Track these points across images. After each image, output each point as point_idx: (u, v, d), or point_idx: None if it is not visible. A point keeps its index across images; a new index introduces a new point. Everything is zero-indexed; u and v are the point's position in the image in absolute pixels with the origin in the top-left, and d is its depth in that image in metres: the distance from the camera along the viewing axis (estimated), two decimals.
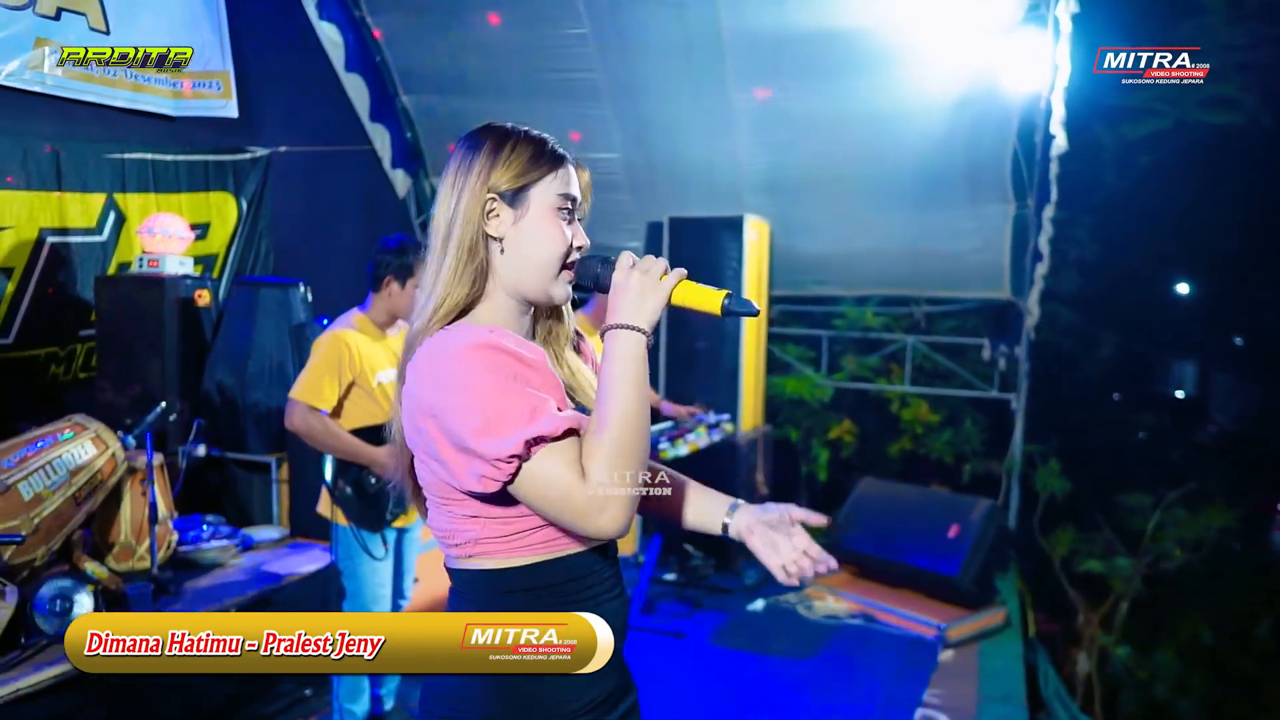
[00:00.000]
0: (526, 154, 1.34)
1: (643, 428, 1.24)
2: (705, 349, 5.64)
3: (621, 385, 1.24)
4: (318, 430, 3.00)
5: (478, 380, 1.21)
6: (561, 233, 1.34)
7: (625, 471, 1.20)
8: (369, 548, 3.07)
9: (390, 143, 6.16)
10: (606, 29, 5.29)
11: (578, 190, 1.38)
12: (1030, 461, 5.81)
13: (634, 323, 1.27)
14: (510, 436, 1.18)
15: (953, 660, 4.33)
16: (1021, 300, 5.69)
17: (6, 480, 2.79)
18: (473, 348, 1.22)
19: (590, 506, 1.20)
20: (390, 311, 3.15)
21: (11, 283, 3.90)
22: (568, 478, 1.20)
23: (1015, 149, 5.13)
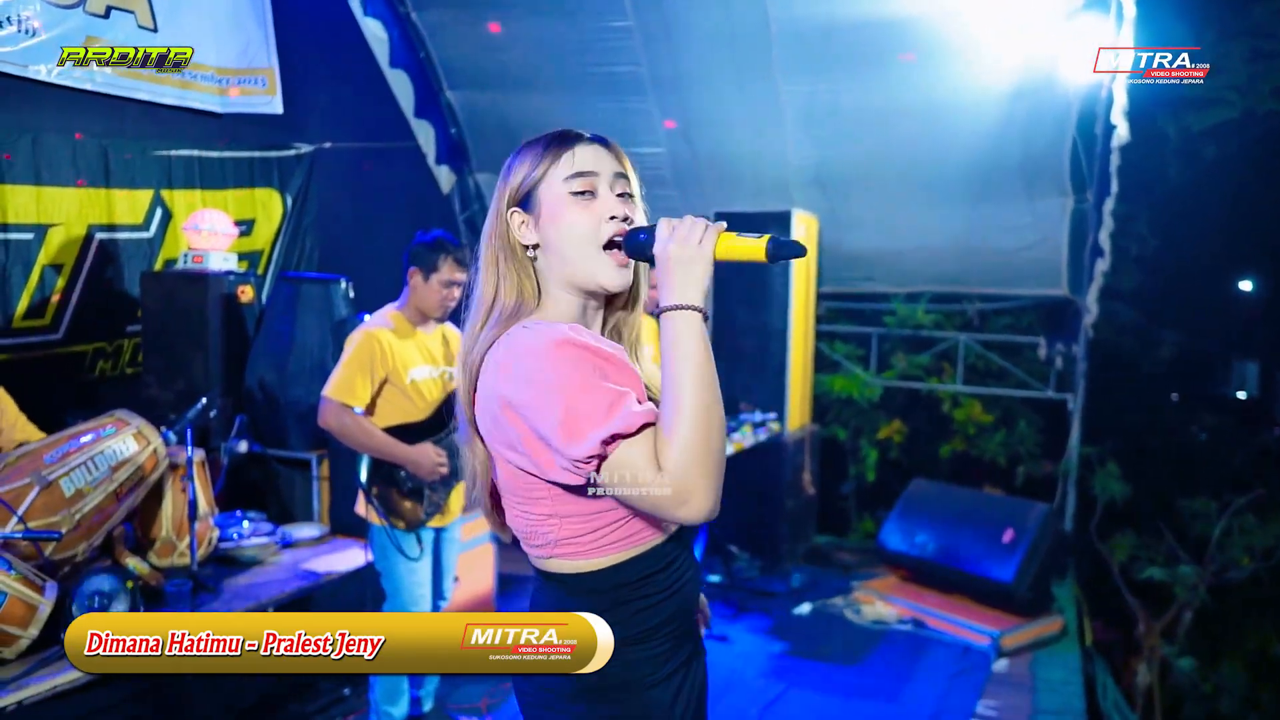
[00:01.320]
0: (527, 158, 1.36)
1: (714, 412, 1.21)
2: (751, 346, 5.54)
3: (685, 369, 1.21)
4: (351, 428, 2.94)
5: (558, 377, 1.21)
6: (581, 214, 1.32)
7: (702, 458, 1.18)
8: (403, 548, 3.01)
9: (435, 138, 6.15)
10: (651, 21, 5.21)
11: (593, 164, 1.34)
12: (1088, 464, 5.61)
13: (684, 301, 1.24)
14: (589, 435, 1.19)
15: (1007, 670, 4.19)
16: (1079, 297, 5.49)
17: (48, 476, 2.79)
18: (554, 344, 1.23)
19: (671, 499, 1.19)
20: (418, 307, 3.08)
21: (61, 279, 3.94)
22: (646, 473, 1.20)
23: (1074, 140, 4.94)
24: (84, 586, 2.74)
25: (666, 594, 1.35)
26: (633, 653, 1.33)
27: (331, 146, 5.23)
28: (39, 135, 3.79)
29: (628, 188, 1.37)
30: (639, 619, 1.34)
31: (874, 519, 6.05)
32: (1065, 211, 5.27)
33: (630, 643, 1.32)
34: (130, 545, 3.26)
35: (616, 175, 1.36)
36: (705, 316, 1.25)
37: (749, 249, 1.25)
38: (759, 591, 4.98)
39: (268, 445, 3.96)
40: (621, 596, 1.32)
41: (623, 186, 1.36)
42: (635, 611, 1.34)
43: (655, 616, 1.35)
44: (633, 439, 1.20)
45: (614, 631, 1.30)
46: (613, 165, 1.36)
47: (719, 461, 1.20)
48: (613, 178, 1.35)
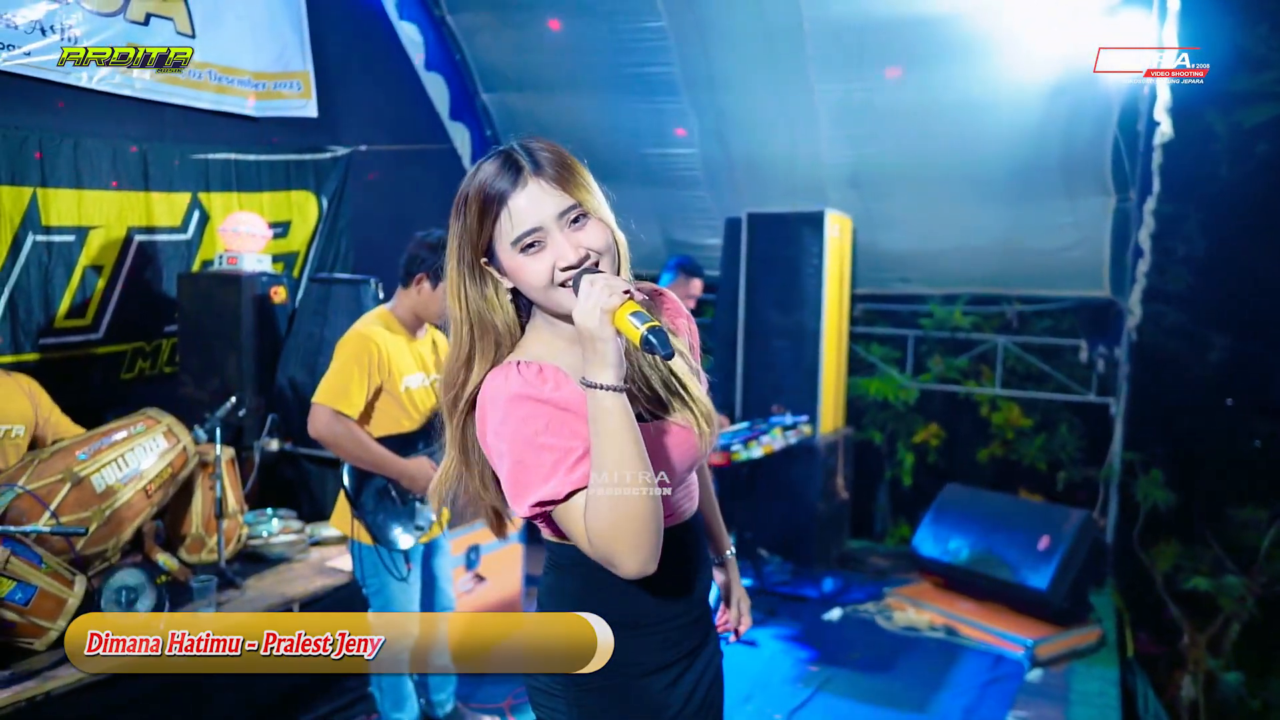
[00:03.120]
0: (471, 218, 1.33)
1: (626, 486, 1.22)
2: (783, 348, 5.50)
3: (600, 445, 1.24)
4: (344, 438, 2.79)
5: (508, 433, 1.28)
6: (534, 268, 1.32)
7: (616, 531, 1.22)
8: (394, 567, 2.90)
9: (470, 141, 6.19)
10: (684, 21, 5.19)
11: (534, 219, 1.30)
12: (1130, 470, 5.47)
13: (596, 380, 1.24)
14: (527, 497, 1.28)
15: (1041, 680, 4.09)
16: (1122, 299, 5.36)
17: (80, 473, 2.86)
18: (508, 400, 1.29)
19: (599, 557, 1.26)
20: (416, 312, 2.95)
21: (101, 279, 4.04)
22: (576, 533, 1.28)
23: (1116, 138, 4.82)
24: (112, 581, 2.80)
25: (659, 582, 1.37)
26: (623, 638, 1.38)
27: (367, 149, 5.29)
28: (80, 140, 3.89)
29: (579, 211, 1.32)
30: (627, 602, 1.39)
31: (910, 524, 5.95)
32: (1107, 211, 5.15)
33: (620, 628, 1.38)
34: (161, 541, 3.34)
35: (561, 214, 1.31)
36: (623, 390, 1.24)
37: (630, 334, 1.22)
38: (789, 596, 4.93)
39: (298, 444, 4.02)
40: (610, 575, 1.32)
41: (573, 214, 1.31)
42: (623, 593, 1.38)
43: (646, 602, 1.40)
44: (563, 504, 1.27)
45: (604, 610, 1.38)
46: (553, 205, 1.30)
47: (639, 530, 1.22)
48: (556, 219, 1.31)
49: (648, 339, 1.20)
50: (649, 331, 1.20)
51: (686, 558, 1.46)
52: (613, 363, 1.23)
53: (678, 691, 1.45)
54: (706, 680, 1.51)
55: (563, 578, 1.45)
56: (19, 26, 3.63)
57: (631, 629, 1.40)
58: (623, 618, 1.39)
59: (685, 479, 1.46)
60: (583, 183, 1.34)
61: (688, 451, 1.41)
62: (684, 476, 1.44)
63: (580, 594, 1.42)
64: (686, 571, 1.45)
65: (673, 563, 1.40)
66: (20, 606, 2.54)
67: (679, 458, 1.40)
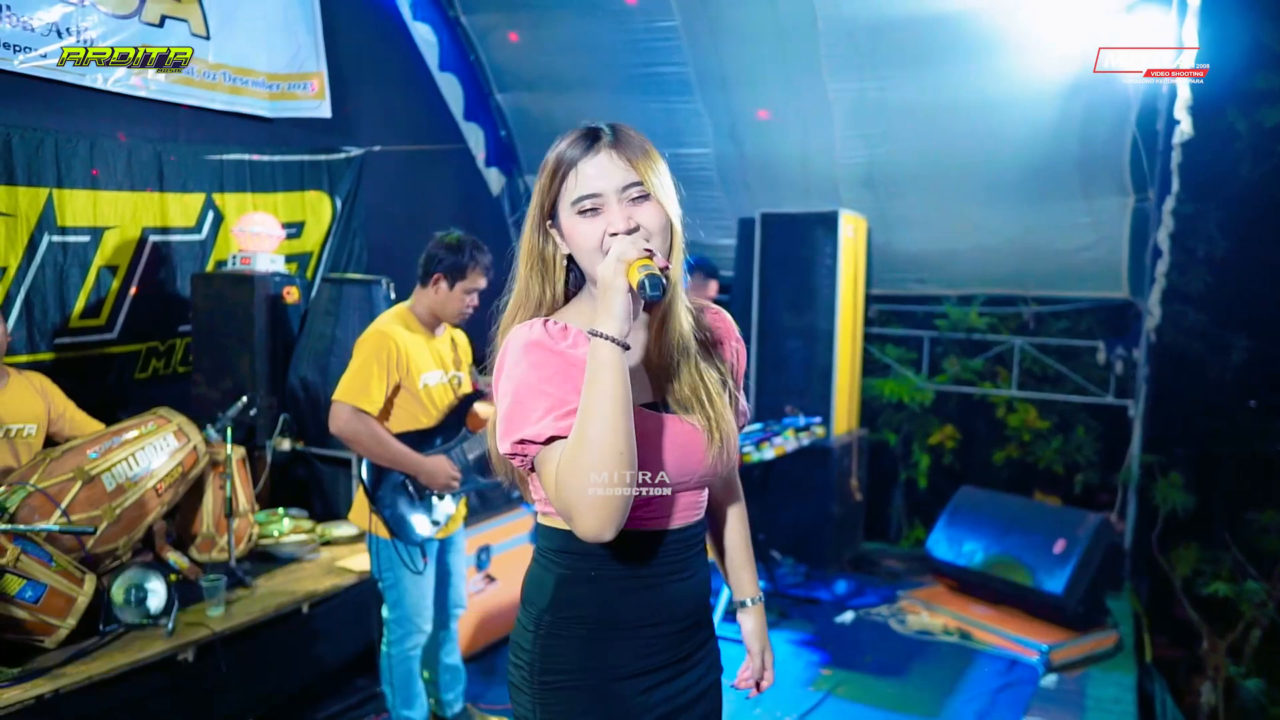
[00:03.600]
0: (545, 175, 1.42)
1: (606, 435, 1.23)
2: (797, 349, 5.47)
3: (588, 394, 1.25)
4: (363, 435, 2.81)
5: (517, 374, 1.32)
6: (587, 231, 1.38)
7: (584, 483, 1.22)
8: (411, 562, 2.93)
9: (484, 141, 6.20)
10: (697, 21, 5.18)
11: (597, 184, 1.37)
12: (1149, 473, 5.40)
13: (599, 329, 1.27)
14: (512, 434, 1.31)
15: (1056, 685, 4.04)
16: (1141, 300, 5.29)
17: (91, 471, 2.88)
18: (524, 346, 1.34)
19: (560, 512, 1.27)
20: (433, 311, 2.98)
21: (116, 279, 4.07)
22: (546, 480, 1.29)
23: (1135, 137, 4.76)
24: (123, 579, 2.82)
25: (640, 584, 1.40)
26: (596, 638, 1.39)
27: (381, 149, 5.31)
28: (96, 141, 3.92)
29: (640, 190, 1.37)
30: (604, 600, 1.39)
31: (925, 526, 5.91)
32: (1126, 211, 5.09)
33: (594, 625, 1.39)
34: (172, 540, 3.35)
35: (624, 186, 1.37)
36: (624, 346, 1.27)
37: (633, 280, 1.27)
38: (801, 599, 4.90)
39: (310, 444, 4.03)
40: (587, 565, 1.39)
41: (635, 191, 1.37)
42: (600, 590, 1.39)
43: (623, 604, 1.40)
44: (543, 448, 1.29)
45: (578, 607, 1.39)
46: (619, 177, 1.36)
47: (603, 488, 1.22)
48: (619, 190, 1.37)
49: (642, 282, 1.25)
50: (646, 277, 1.25)
51: (675, 566, 1.43)
52: (618, 315, 1.26)
53: (650, 702, 1.41)
54: (688, 699, 1.46)
55: (544, 570, 1.44)
56: (36, 29, 3.66)
57: (607, 628, 1.39)
58: (598, 615, 1.39)
59: (687, 485, 1.42)
60: (653, 167, 1.39)
61: (692, 455, 1.40)
62: (684, 481, 1.41)
63: (558, 587, 1.41)
64: (672, 580, 1.43)
65: (656, 567, 1.41)
66: (30, 604, 2.56)
67: (681, 458, 1.39)
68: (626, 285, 1.27)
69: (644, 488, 1.35)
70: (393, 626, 3.03)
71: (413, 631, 3.01)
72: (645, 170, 1.37)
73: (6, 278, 3.64)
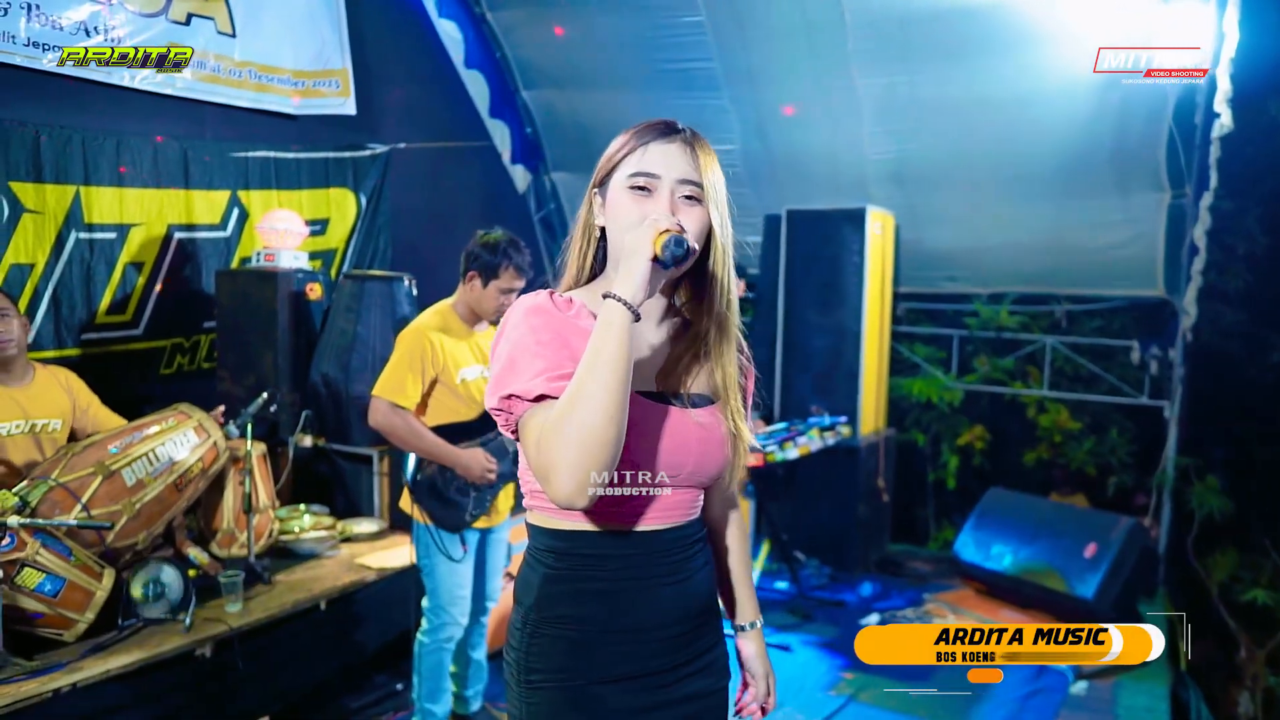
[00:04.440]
0: (615, 145, 1.41)
1: (596, 399, 1.19)
2: (823, 348, 5.40)
3: (588, 356, 1.23)
4: (400, 428, 2.93)
5: (515, 335, 1.32)
6: (629, 207, 1.36)
7: (569, 440, 1.19)
8: (446, 548, 3.00)
9: (510, 138, 6.19)
10: (723, 16, 5.13)
11: (659, 166, 1.36)
12: (1185, 476, 5.27)
13: (614, 291, 1.26)
14: (501, 390, 1.29)
15: (1086, 693, 3.95)
16: (1177, 298, 5.17)
17: (111, 466, 2.89)
18: (527, 310, 1.35)
19: (537, 471, 1.24)
20: (470, 307, 3.05)
21: (142, 276, 4.10)
22: (528, 439, 1.27)
23: (1171, 131, 4.64)
24: (142, 574, 2.83)
25: (626, 587, 1.37)
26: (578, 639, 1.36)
27: (406, 147, 5.31)
28: (122, 139, 3.95)
29: (695, 192, 1.36)
30: (592, 600, 1.36)
31: (953, 527, 5.82)
32: (1161, 207, 4.96)
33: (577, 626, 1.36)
34: (192, 535, 3.37)
35: (683, 180, 1.36)
36: (635, 315, 1.24)
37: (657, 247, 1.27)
38: (825, 601, 4.84)
39: (331, 440, 4.04)
40: (571, 565, 1.37)
41: (688, 190, 1.36)
42: (584, 588, 1.36)
43: (612, 606, 1.36)
44: (531, 405, 1.27)
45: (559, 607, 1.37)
46: (682, 169, 1.36)
47: (587, 449, 1.18)
48: (677, 182, 1.36)
49: (666, 242, 1.25)
50: (671, 236, 1.25)
51: (668, 568, 1.40)
52: (636, 280, 1.25)
53: (637, 706, 1.38)
54: (687, 710, 1.42)
55: (532, 567, 1.42)
56: (64, 28, 3.69)
57: (592, 630, 1.36)
58: (583, 616, 1.36)
59: (687, 482, 1.40)
60: (716, 178, 1.38)
61: (693, 451, 1.38)
62: (684, 477, 1.38)
63: (543, 585, 1.38)
64: (665, 583, 1.39)
65: (646, 569, 1.37)
66: (49, 598, 2.57)
67: (685, 453, 1.37)
68: (651, 253, 1.25)
69: (641, 487, 1.33)
70: (429, 615, 3.10)
71: (447, 622, 3.06)
72: (708, 175, 1.37)
73: (35, 274, 3.68)
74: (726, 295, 1.41)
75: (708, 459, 1.40)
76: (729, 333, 1.43)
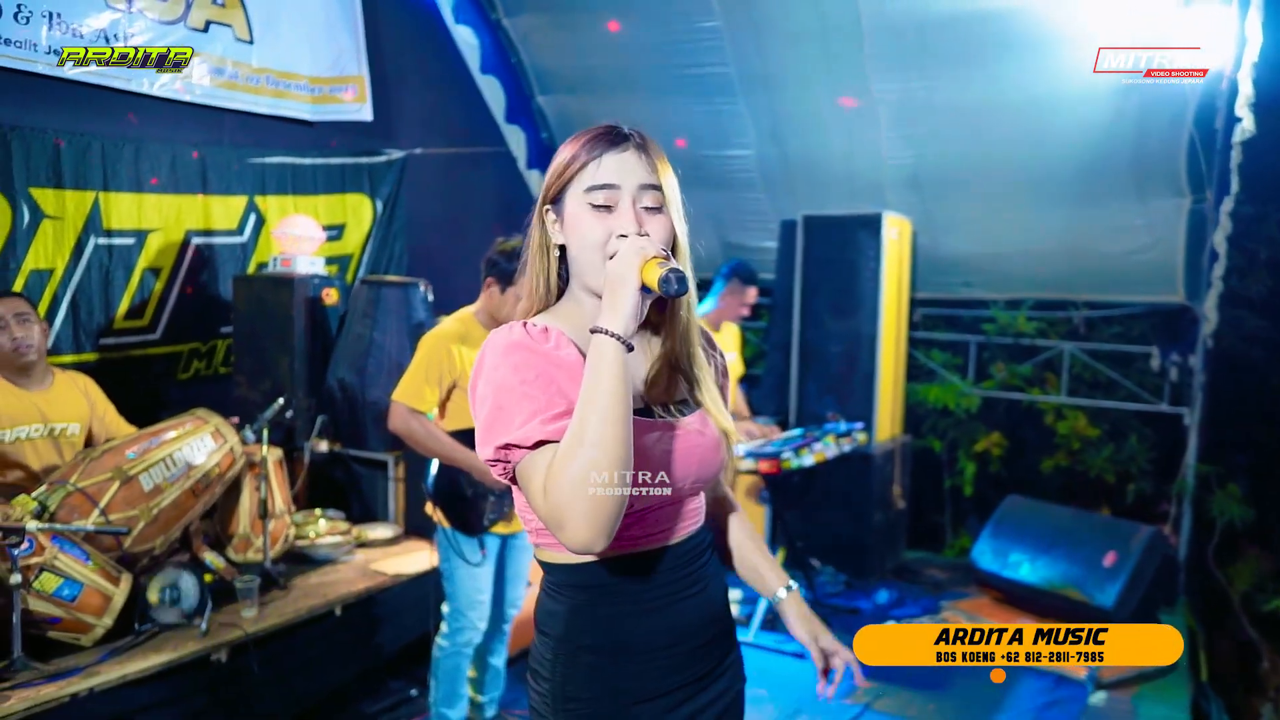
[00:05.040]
0: (563, 157, 1.38)
1: (602, 442, 1.16)
2: (839, 354, 5.37)
3: (586, 395, 1.20)
4: (418, 433, 2.96)
5: (498, 378, 1.27)
6: (595, 225, 1.33)
7: (579, 487, 1.15)
8: (464, 552, 3.01)
9: (526, 143, 6.19)
10: (739, 20, 5.12)
11: (616, 177, 1.33)
12: (1206, 484, 5.21)
13: (604, 325, 1.22)
14: (495, 439, 1.24)
15: (1105, 704, 3.91)
16: (1197, 304, 5.11)
17: (129, 471, 2.91)
18: (505, 348, 1.29)
19: (548, 521, 1.19)
20: (491, 314, 3.07)
21: (159, 281, 4.12)
22: (532, 487, 1.22)
23: (1192, 135, 4.59)
24: (159, 579, 2.84)
25: (651, 608, 1.35)
26: (612, 664, 1.34)
27: (422, 152, 5.33)
28: (141, 145, 3.98)
29: (657, 199, 1.34)
30: (615, 626, 1.35)
31: (970, 535, 5.78)
32: (1181, 212, 4.91)
33: (609, 653, 1.34)
34: (208, 540, 3.38)
35: (642, 187, 1.34)
36: (628, 346, 1.22)
37: (651, 279, 1.22)
38: (841, 608, 4.81)
39: (347, 445, 4.05)
40: (592, 598, 1.35)
41: (650, 199, 1.34)
42: (609, 618, 1.35)
43: (636, 626, 1.35)
44: (530, 452, 1.22)
45: (590, 636, 1.34)
46: (640, 176, 1.34)
47: (599, 498, 1.15)
48: (637, 190, 1.33)
49: (666, 276, 1.20)
50: (669, 271, 1.21)
51: (682, 583, 1.40)
52: (626, 313, 1.21)
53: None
54: (714, 712, 1.44)
55: (552, 600, 1.40)
56: (84, 35, 3.72)
57: (623, 654, 1.35)
58: (612, 642, 1.35)
59: (683, 491, 1.38)
60: (671, 180, 1.37)
61: (694, 460, 1.38)
62: (688, 488, 1.39)
63: (568, 616, 1.37)
64: (680, 598, 1.39)
65: (660, 588, 1.37)
66: (66, 603, 2.59)
67: (685, 464, 1.36)
68: (639, 283, 1.22)
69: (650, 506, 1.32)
70: (448, 619, 3.10)
71: (465, 627, 3.05)
72: (665, 179, 1.35)
73: (54, 280, 3.71)
74: (691, 299, 1.39)
75: (707, 464, 1.40)
76: (695, 333, 1.42)
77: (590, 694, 1.35)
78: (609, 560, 1.34)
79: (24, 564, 2.48)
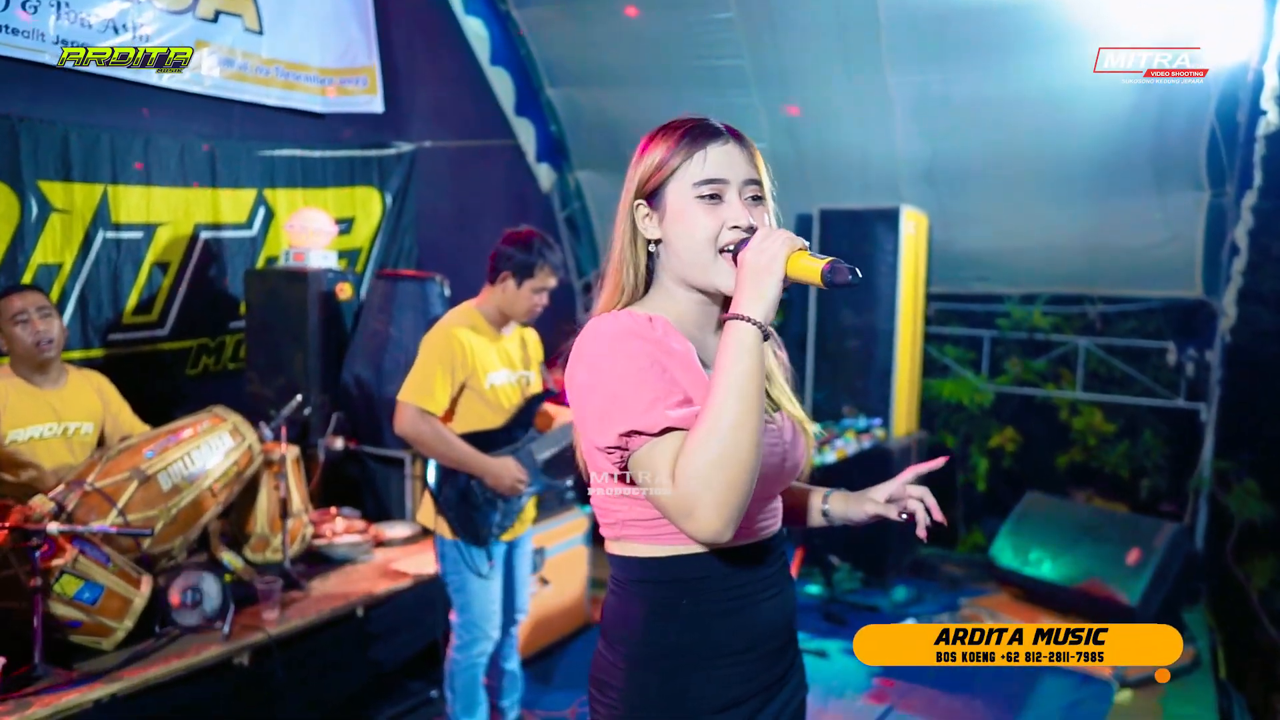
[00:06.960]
0: (660, 150, 1.35)
1: (741, 430, 1.15)
2: (856, 349, 5.32)
3: (723, 381, 1.18)
4: (428, 436, 2.78)
5: (612, 366, 1.24)
6: (703, 218, 1.32)
7: (710, 473, 1.14)
8: (475, 564, 2.87)
9: (535, 136, 6.12)
10: (754, 12, 5.05)
11: (725, 170, 1.32)
12: (1223, 480, 5.18)
13: (743, 312, 1.21)
14: (615, 427, 1.21)
15: (1131, 702, 3.87)
16: (1215, 300, 5.08)
17: (147, 471, 2.84)
18: (616, 335, 1.27)
19: (677, 508, 1.17)
20: (502, 309, 2.93)
21: (168, 276, 4.04)
22: (661, 476, 1.19)
23: (1213, 129, 4.55)
24: (179, 580, 2.77)
25: (733, 607, 1.32)
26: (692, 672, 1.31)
27: (431, 145, 5.25)
28: (150, 137, 3.90)
29: (759, 190, 1.36)
30: (697, 626, 1.31)
31: (983, 531, 5.74)
32: (1201, 207, 4.87)
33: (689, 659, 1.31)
34: (226, 540, 3.31)
35: (747, 181, 1.34)
36: (765, 334, 1.22)
37: (810, 271, 1.22)
38: (859, 605, 4.76)
39: (363, 442, 3.98)
40: (676, 594, 1.31)
41: (753, 190, 1.35)
42: (692, 616, 1.31)
43: (718, 629, 1.31)
44: (654, 439, 1.20)
45: (669, 636, 1.30)
46: (745, 170, 1.34)
47: (733, 480, 1.14)
48: (743, 183, 1.34)
49: (834, 266, 1.19)
50: (834, 260, 1.19)
51: (768, 581, 1.38)
52: (770, 301, 1.21)
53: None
54: (785, 717, 1.41)
55: (628, 601, 1.35)
56: (93, 26, 3.64)
57: (701, 660, 1.31)
58: (690, 646, 1.31)
59: (777, 487, 1.40)
60: (766, 172, 1.38)
61: (779, 454, 1.36)
62: (776, 480, 1.38)
63: (646, 619, 1.32)
64: (765, 598, 1.37)
65: (752, 585, 1.35)
66: (88, 606, 2.52)
67: (772, 457, 1.34)
68: (783, 275, 1.21)
69: None
70: (459, 631, 2.98)
71: (480, 638, 2.96)
72: (763, 173, 1.37)
73: (62, 274, 3.63)
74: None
75: (796, 456, 1.40)
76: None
77: (664, 703, 1.31)
78: (695, 555, 1.31)
79: (44, 566, 2.41)
